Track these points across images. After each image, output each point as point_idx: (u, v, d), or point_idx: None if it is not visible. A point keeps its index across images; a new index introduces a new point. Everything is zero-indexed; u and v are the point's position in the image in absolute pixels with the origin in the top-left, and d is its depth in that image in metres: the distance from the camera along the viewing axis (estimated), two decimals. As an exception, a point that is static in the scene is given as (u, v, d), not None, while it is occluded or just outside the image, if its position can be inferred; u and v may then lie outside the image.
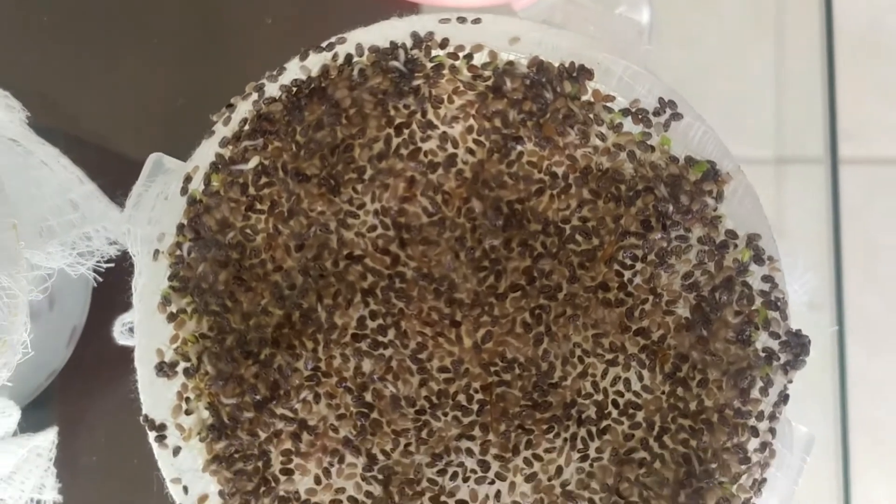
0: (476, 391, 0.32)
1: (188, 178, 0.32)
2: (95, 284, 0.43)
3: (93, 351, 0.49)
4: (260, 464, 0.31)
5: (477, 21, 0.32)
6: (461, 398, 0.32)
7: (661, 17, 0.52)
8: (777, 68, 0.55)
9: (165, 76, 0.51)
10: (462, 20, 0.32)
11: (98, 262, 0.42)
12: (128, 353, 0.49)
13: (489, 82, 0.32)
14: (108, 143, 0.51)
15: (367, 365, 0.32)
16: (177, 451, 0.31)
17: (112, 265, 0.44)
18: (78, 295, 0.46)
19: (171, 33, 0.52)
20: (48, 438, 0.46)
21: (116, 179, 0.43)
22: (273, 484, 0.31)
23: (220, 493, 0.31)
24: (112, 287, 0.45)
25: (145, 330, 0.31)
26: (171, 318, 0.32)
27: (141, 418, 0.31)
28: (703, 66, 0.56)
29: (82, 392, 0.49)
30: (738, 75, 0.56)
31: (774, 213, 0.52)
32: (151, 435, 0.31)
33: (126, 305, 0.43)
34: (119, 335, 0.42)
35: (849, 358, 0.51)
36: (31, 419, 0.44)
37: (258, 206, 0.32)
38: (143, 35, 0.52)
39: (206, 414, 0.31)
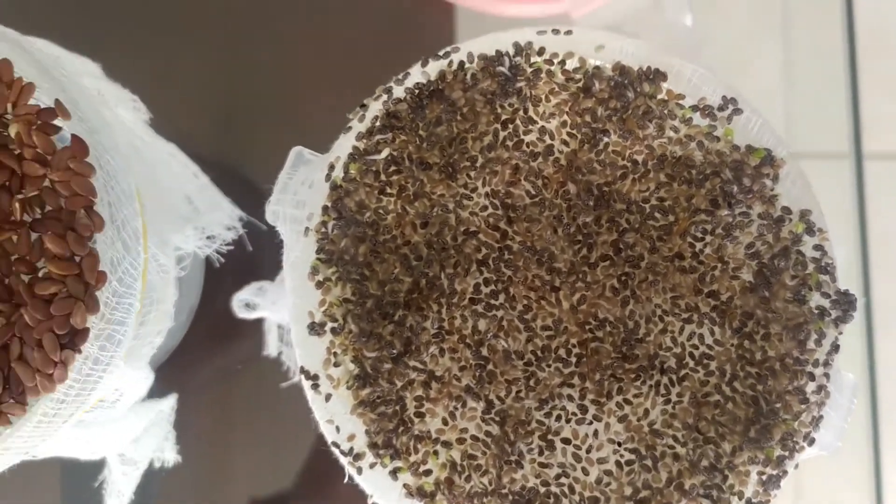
0: (574, 346, 0.38)
1: (331, 167, 0.38)
2: (218, 265, 0.49)
3: (203, 326, 0.54)
4: (398, 407, 0.37)
5: (569, 32, 0.38)
6: (561, 352, 0.38)
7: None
8: (791, 66, 0.60)
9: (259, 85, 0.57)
10: (556, 32, 0.38)
11: (221, 244, 0.48)
12: (231, 329, 0.55)
13: (580, 84, 0.38)
14: (212, 140, 0.57)
15: (482, 324, 0.38)
16: (328, 397, 0.37)
17: (232, 247, 0.50)
18: (196, 276, 0.52)
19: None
20: (169, 404, 0.52)
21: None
22: (409, 424, 0.37)
23: (367, 432, 0.37)
24: (214, 269, 0.51)
25: (298, 295, 0.37)
26: (319, 285, 0.37)
27: (298, 369, 0.37)
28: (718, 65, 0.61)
29: (195, 362, 0.55)
30: (753, 73, 0.61)
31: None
32: (307, 384, 0.37)
33: (235, 284, 0.49)
34: (239, 310, 0.48)
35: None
36: (153, 387, 0.49)
37: (388, 191, 0.38)
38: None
39: (351, 366, 0.37)
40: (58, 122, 0.35)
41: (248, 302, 0.49)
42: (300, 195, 0.38)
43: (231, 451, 0.55)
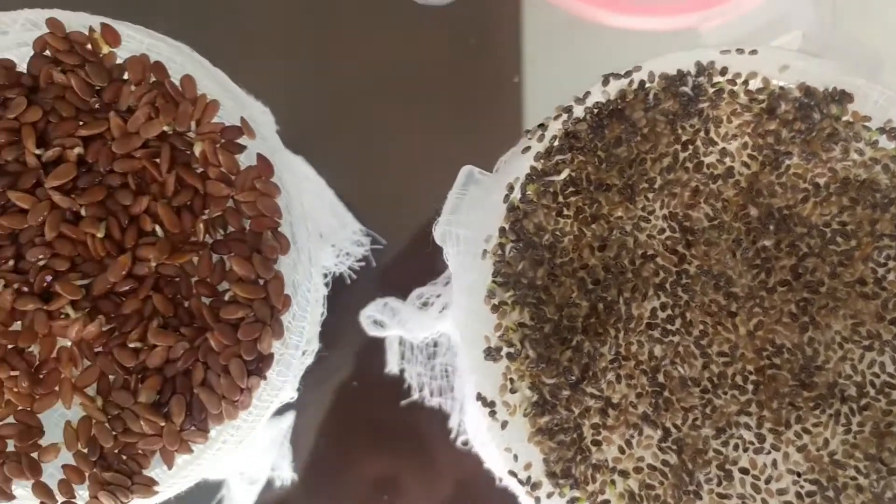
0: (750, 373, 0.37)
1: (510, 188, 0.37)
2: (349, 282, 0.48)
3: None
4: (576, 435, 0.36)
5: (753, 52, 0.37)
6: (738, 379, 0.37)
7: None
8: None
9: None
10: (740, 51, 0.37)
11: (353, 261, 0.47)
12: (347, 345, 0.54)
13: (763, 105, 0.37)
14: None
15: (658, 350, 0.37)
16: (504, 424, 0.36)
17: (363, 263, 0.49)
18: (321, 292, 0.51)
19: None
20: (287, 421, 0.51)
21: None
22: (587, 453, 0.36)
23: (545, 461, 0.36)
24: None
25: (474, 319, 0.36)
26: (495, 308, 0.36)
27: (474, 396, 0.36)
28: None
29: (311, 379, 0.54)
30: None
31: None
32: (484, 411, 0.36)
33: (353, 300, 0.48)
34: (369, 327, 0.47)
35: None
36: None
37: (566, 212, 0.37)
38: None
39: (528, 392, 0.36)
40: (241, 140, 0.34)
41: (375, 319, 0.48)
42: (473, 215, 0.37)
43: (347, 469, 0.54)
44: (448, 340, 0.51)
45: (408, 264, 0.53)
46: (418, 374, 0.52)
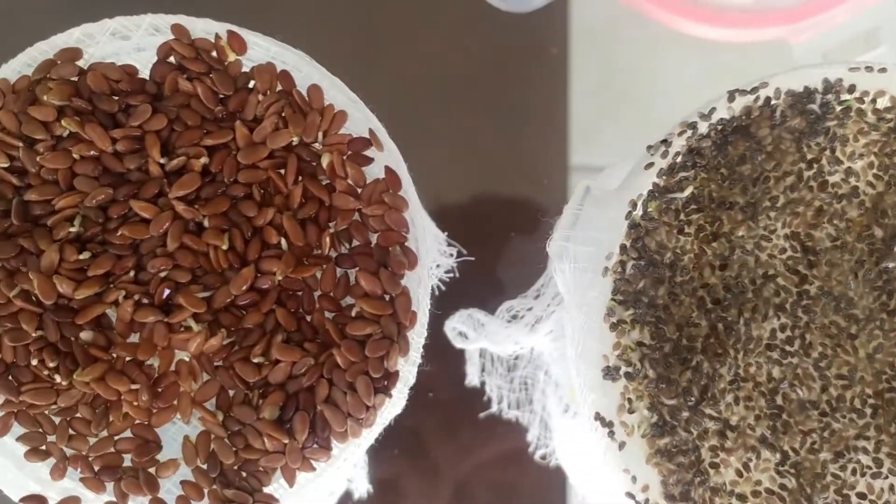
0: (869, 396, 0.36)
1: (633, 205, 0.36)
2: (437, 293, 0.48)
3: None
4: (694, 457, 0.35)
5: (883, 70, 0.36)
6: (856, 402, 0.36)
7: None
8: None
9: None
10: (869, 69, 0.36)
11: (443, 272, 0.47)
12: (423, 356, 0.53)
13: (891, 124, 0.36)
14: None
15: (776, 371, 0.36)
16: (622, 445, 0.36)
17: (452, 275, 0.48)
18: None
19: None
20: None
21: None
22: (705, 476, 0.35)
23: (662, 483, 0.35)
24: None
25: (590, 337, 0.36)
26: (613, 327, 0.36)
27: (592, 416, 0.36)
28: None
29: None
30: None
31: None
32: (602, 431, 0.35)
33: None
34: (455, 339, 0.46)
35: None
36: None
37: (686, 230, 0.36)
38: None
39: (647, 413, 0.35)
40: (367, 152, 0.33)
41: (460, 331, 0.47)
42: (590, 231, 0.36)
43: (423, 481, 0.54)
44: (531, 353, 0.50)
45: (486, 275, 0.53)
46: (498, 386, 0.51)
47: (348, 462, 0.34)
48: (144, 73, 0.34)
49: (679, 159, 0.36)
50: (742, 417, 0.36)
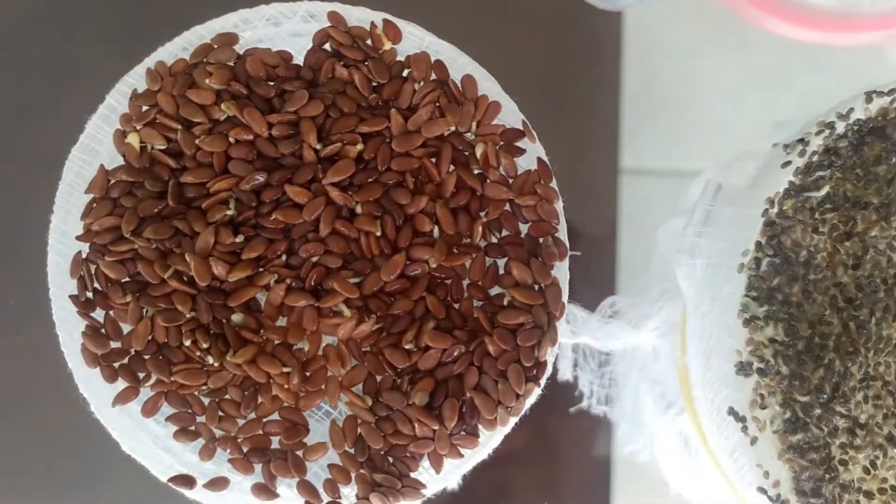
0: None
1: (770, 202, 0.36)
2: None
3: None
4: (825, 454, 0.36)
5: None
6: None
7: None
8: None
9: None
10: None
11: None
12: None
13: None
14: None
15: (904, 371, 0.37)
16: (754, 440, 0.36)
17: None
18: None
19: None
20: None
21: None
22: (835, 472, 0.36)
23: (794, 479, 0.35)
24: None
25: (723, 332, 0.36)
26: (747, 323, 0.36)
27: (726, 410, 0.36)
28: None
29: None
30: None
31: None
32: (736, 426, 0.36)
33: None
34: (604, 313, 0.46)
35: None
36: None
37: (820, 229, 0.36)
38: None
39: (778, 409, 0.36)
40: (520, 143, 0.33)
41: (617, 309, 0.47)
42: (722, 228, 0.37)
43: (510, 475, 0.54)
44: (623, 349, 0.51)
45: (581, 271, 0.53)
46: (589, 381, 0.51)
47: (490, 450, 0.34)
48: (297, 60, 0.34)
49: (816, 158, 0.36)
50: (871, 416, 0.36)
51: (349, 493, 0.33)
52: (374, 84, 0.33)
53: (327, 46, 0.34)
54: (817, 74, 0.56)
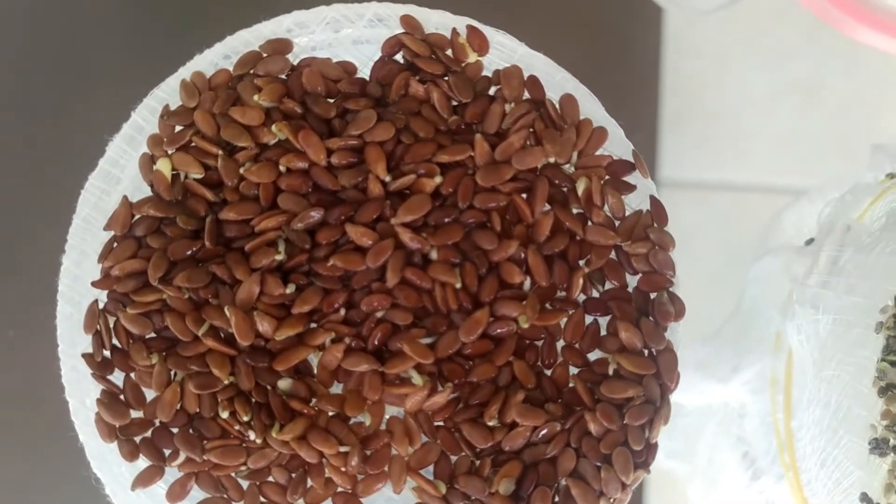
0: None
1: (913, 250, 0.31)
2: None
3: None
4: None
5: None
6: None
7: None
8: None
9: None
10: None
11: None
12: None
13: None
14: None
15: None
16: (889, 532, 0.30)
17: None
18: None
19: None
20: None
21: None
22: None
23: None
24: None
25: (853, 401, 0.31)
26: (883, 392, 0.31)
27: (858, 496, 0.31)
28: None
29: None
30: None
31: None
32: (875, 514, 0.30)
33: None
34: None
35: None
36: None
37: (969, 282, 0.31)
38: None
39: (919, 495, 0.30)
40: (630, 179, 0.28)
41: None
42: (850, 275, 0.31)
43: None
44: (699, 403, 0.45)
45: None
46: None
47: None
48: (362, 73, 0.28)
49: (963, 197, 0.31)
50: None
51: None
52: (456, 104, 0.28)
53: (399, 57, 0.28)
54: (857, 83, 0.52)
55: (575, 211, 0.28)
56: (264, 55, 0.28)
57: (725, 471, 0.44)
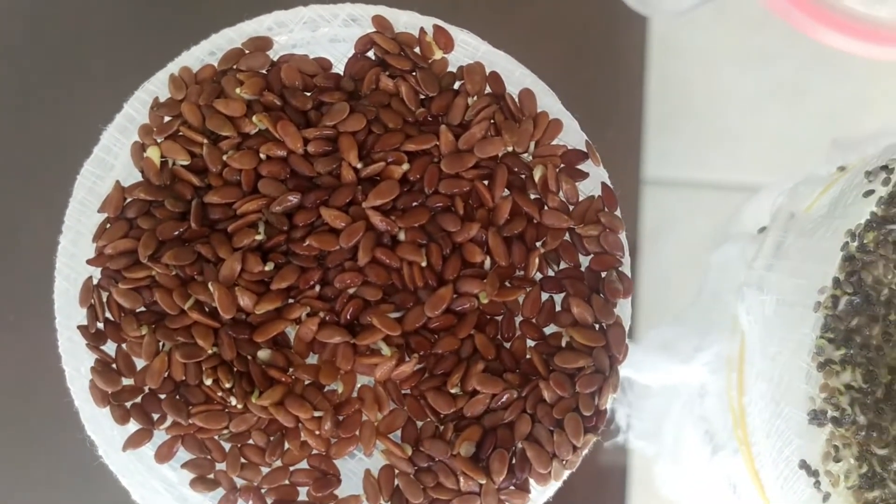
0: None
1: (851, 235, 0.33)
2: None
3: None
4: (904, 513, 0.33)
5: None
6: None
7: None
8: None
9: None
10: None
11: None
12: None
13: None
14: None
15: None
16: (826, 496, 0.33)
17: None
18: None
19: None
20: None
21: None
22: (917, 533, 0.33)
23: (872, 540, 0.33)
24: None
25: (793, 377, 0.33)
26: (821, 367, 0.33)
27: (797, 463, 0.33)
28: None
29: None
30: None
31: None
32: (808, 480, 0.33)
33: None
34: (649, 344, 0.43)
35: None
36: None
37: (902, 265, 0.33)
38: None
39: (854, 463, 0.33)
40: (584, 167, 0.30)
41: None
42: (795, 261, 0.34)
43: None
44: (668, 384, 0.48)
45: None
46: (627, 414, 0.48)
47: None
48: (337, 68, 0.31)
49: (897, 188, 0.33)
50: (954, 470, 0.33)
51: (384, 550, 0.30)
52: (423, 97, 0.30)
53: (371, 54, 0.30)
54: (840, 85, 0.53)
55: (532, 196, 0.30)
56: (246, 52, 0.30)
57: (689, 448, 0.47)
